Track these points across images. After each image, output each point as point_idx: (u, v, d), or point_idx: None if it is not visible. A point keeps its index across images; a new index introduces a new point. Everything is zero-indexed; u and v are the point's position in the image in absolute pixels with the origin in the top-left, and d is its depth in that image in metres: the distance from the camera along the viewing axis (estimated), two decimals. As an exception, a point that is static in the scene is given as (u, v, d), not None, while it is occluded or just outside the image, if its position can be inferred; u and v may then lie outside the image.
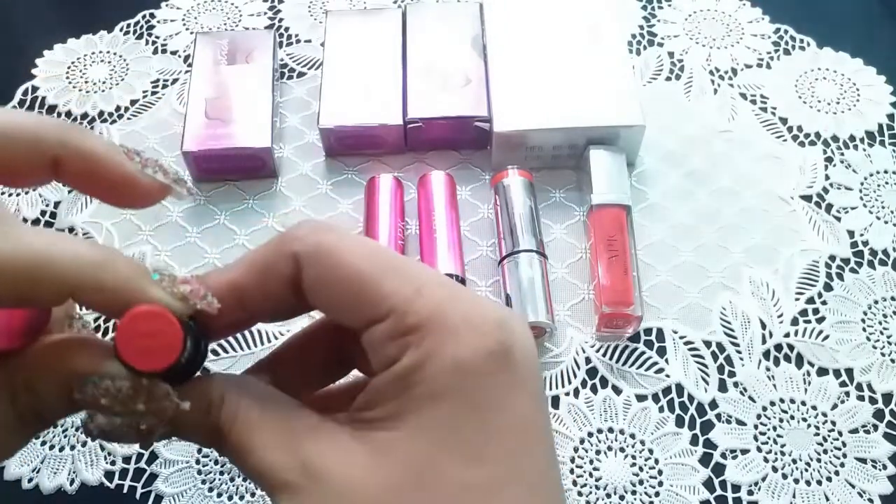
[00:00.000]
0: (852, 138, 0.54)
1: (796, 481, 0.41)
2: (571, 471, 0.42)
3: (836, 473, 0.41)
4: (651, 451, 0.42)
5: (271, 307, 0.23)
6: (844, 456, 0.42)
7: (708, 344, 0.46)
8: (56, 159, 0.21)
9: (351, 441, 0.21)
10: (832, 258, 0.49)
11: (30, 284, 0.19)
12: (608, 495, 0.41)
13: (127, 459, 0.42)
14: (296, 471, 0.21)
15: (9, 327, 0.21)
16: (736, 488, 0.41)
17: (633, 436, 0.43)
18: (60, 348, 0.21)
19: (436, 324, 0.21)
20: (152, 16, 0.61)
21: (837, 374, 0.44)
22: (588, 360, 0.45)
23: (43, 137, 0.21)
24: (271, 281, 0.22)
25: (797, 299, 0.47)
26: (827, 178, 0.52)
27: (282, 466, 0.21)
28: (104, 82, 0.58)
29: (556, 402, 0.44)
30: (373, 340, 0.21)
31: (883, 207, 0.51)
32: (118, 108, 0.56)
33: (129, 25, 0.61)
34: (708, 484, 0.41)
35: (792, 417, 0.43)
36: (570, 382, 0.44)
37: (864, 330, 0.46)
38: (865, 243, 0.49)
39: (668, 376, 0.44)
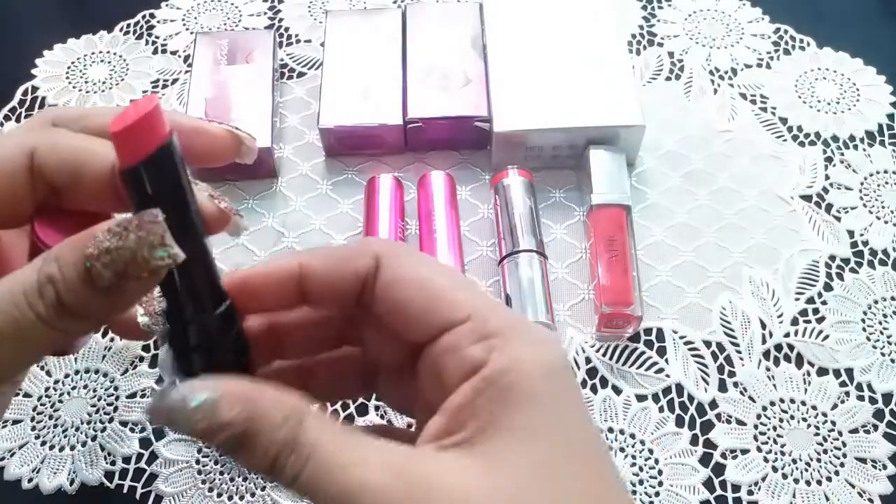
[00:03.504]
0: (852, 138, 0.54)
1: (796, 481, 0.41)
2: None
3: (836, 473, 0.41)
4: (651, 451, 0.42)
5: (334, 298, 0.23)
6: (844, 456, 0.42)
7: (708, 344, 0.46)
8: None
9: (457, 458, 0.20)
10: (832, 258, 0.49)
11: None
12: (608, 495, 0.41)
13: (127, 459, 0.42)
14: (399, 491, 0.19)
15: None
16: (736, 488, 0.41)
17: (633, 436, 0.43)
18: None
19: (516, 330, 0.21)
20: (152, 16, 0.61)
21: (837, 374, 0.44)
22: (588, 360, 0.45)
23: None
24: (346, 271, 0.22)
25: (797, 299, 0.47)
26: (827, 178, 0.52)
27: (384, 487, 0.19)
28: (104, 82, 0.58)
29: (556, 402, 0.44)
30: (453, 343, 0.21)
31: (883, 207, 0.51)
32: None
33: (129, 25, 0.61)
34: (708, 484, 0.41)
35: (792, 417, 0.43)
36: (570, 382, 0.44)
37: (864, 330, 0.46)
38: (865, 243, 0.49)
39: (668, 376, 0.44)
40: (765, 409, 0.43)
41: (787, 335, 0.46)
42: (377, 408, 0.43)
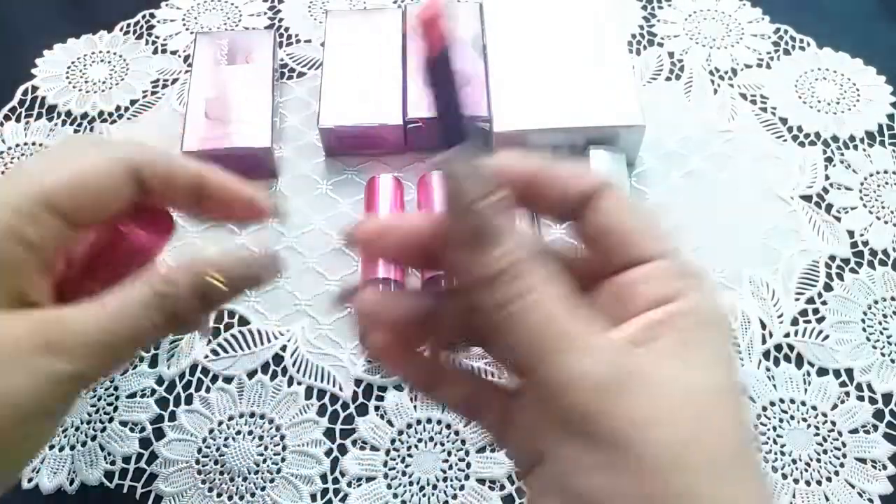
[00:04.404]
0: (852, 138, 0.54)
1: (796, 481, 0.41)
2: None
3: (836, 473, 0.41)
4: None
5: (558, 205, 0.25)
6: (844, 456, 0.42)
7: (708, 344, 0.45)
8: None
9: (665, 357, 0.22)
10: (832, 258, 0.49)
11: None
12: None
13: (127, 459, 0.42)
14: (615, 382, 0.21)
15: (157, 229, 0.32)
16: (736, 488, 0.41)
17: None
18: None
19: (703, 278, 0.24)
20: (152, 16, 0.61)
21: (837, 374, 0.44)
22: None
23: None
24: (576, 184, 0.24)
25: (797, 299, 0.47)
26: (827, 178, 0.52)
27: (603, 377, 0.21)
28: (104, 82, 0.58)
29: (556, 402, 0.44)
30: (651, 273, 0.23)
31: (883, 207, 0.51)
32: (118, 108, 0.56)
33: (129, 25, 0.61)
34: (708, 484, 0.41)
35: (792, 417, 0.43)
36: (570, 382, 0.44)
37: (864, 330, 0.46)
38: (865, 243, 0.49)
39: (668, 376, 0.44)
40: (765, 409, 0.43)
41: (787, 335, 0.46)
42: (377, 408, 0.43)
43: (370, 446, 0.42)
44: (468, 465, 0.42)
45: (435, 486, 0.41)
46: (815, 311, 0.47)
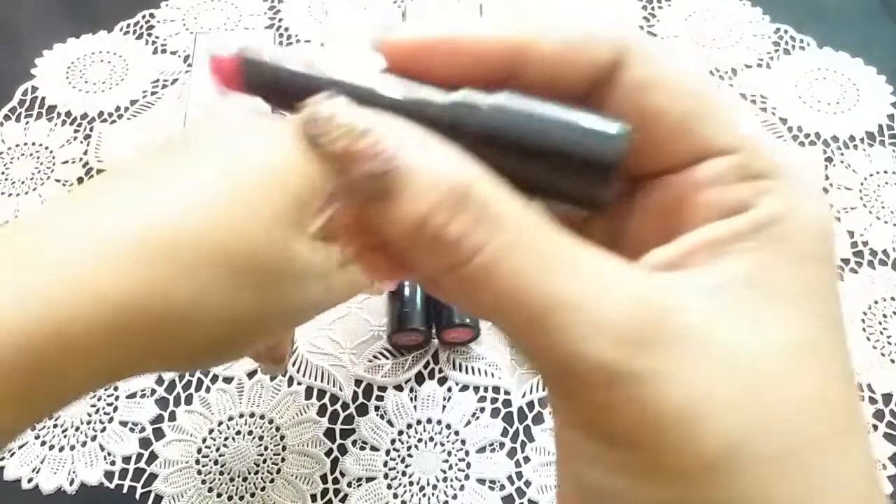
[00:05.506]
0: (852, 138, 0.54)
1: (796, 481, 0.41)
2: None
3: (836, 473, 0.41)
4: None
5: (554, 92, 0.17)
6: (844, 456, 0.42)
7: (708, 344, 0.45)
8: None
9: (701, 289, 0.15)
10: (832, 258, 0.49)
11: None
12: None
13: (127, 459, 0.42)
14: (634, 314, 0.14)
15: None
16: (736, 488, 0.41)
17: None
18: None
19: (793, 175, 0.16)
20: (152, 16, 0.61)
21: (837, 374, 0.44)
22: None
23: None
24: (579, 60, 0.17)
25: (797, 299, 0.47)
26: (827, 178, 0.52)
27: (611, 304, 0.14)
28: (104, 82, 0.58)
29: (555, 402, 0.44)
30: (711, 176, 0.16)
31: (883, 207, 0.51)
32: (118, 108, 0.56)
33: (129, 25, 0.61)
34: (708, 484, 0.41)
35: (792, 417, 0.43)
36: (569, 382, 0.44)
37: (863, 330, 0.46)
38: (865, 243, 0.49)
39: (667, 376, 0.44)
40: (765, 409, 0.43)
41: (786, 335, 0.46)
42: (377, 408, 0.43)
43: (370, 446, 0.42)
44: (468, 465, 0.42)
45: (435, 486, 0.41)
46: (815, 311, 0.47)
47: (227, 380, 0.44)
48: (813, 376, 0.15)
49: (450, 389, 0.44)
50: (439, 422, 0.43)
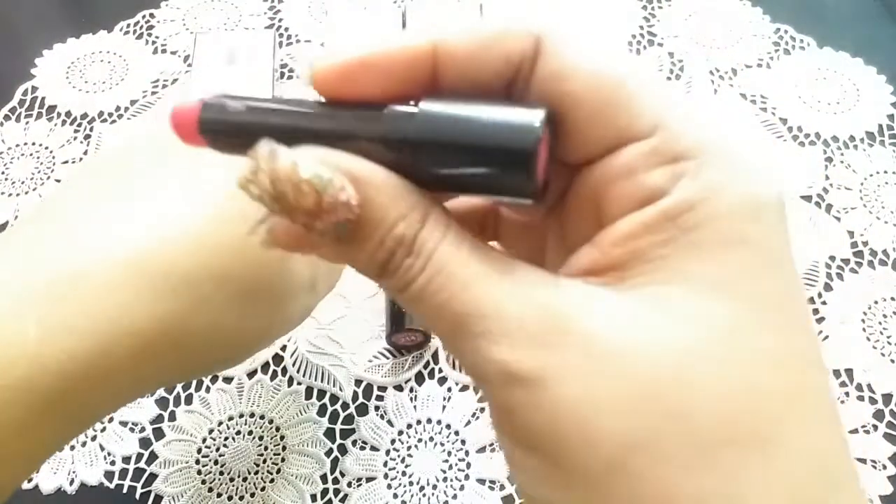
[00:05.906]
0: (852, 138, 0.54)
1: (796, 481, 0.41)
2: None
3: (836, 473, 0.41)
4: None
5: (474, 90, 0.18)
6: (844, 456, 0.42)
7: (708, 344, 0.45)
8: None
9: (609, 293, 0.15)
10: (832, 258, 0.49)
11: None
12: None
13: (127, 459, 0.42)
14: (534, 320, 0.15)
15: None
16: (736, 488, 0.41)
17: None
18: None
19: (716, 151, 0.15)
20: (152, 16, 0.61)
21: (837, 374, 0.44)
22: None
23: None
24: (493, 56, 0.17)
25: (797, 299, 0.47)
26: (827, 178, 0.52)
27: (519, 315, 0.15)
28: (104, 82, 0.58)
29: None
30: (626, 163, 0.16)
31: (883, 207, 0.51)
32: (118, 108, 0.56)
33: (129, 25, 0.61)
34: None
35: (792, 417, 0.43)
36: (569, 382, 0.44)
37: (863, 330, 0.46)
38: (865, 243, 0.49)
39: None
40: (765, 409, 0.43)
41: (787, 335, 0.46)
42: (377, 408, 0.43)
43: (370, 446, 0.42)
44: (468, 465, 0.42)
45: (435, 486, 0.41)
46: (815, 311, 0.47)
47: (227, 380, 0.44)
48: (728, 370, 0.15)
49: (450, 389, 0.44)
50: (439, 422, 0.43)
